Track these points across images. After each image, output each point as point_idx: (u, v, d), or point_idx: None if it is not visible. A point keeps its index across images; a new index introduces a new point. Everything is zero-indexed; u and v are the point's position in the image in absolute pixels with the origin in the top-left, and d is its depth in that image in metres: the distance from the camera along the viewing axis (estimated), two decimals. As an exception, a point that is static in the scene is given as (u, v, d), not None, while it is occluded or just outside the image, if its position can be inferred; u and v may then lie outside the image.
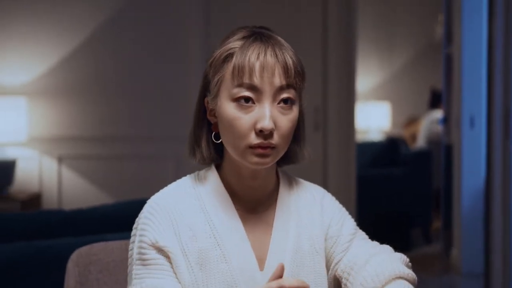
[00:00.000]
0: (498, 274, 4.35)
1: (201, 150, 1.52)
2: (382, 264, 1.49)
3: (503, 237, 4.33)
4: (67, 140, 4.48)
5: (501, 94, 4.16)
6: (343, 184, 4.38)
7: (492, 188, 4.42)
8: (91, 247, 1.73)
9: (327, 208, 1.59)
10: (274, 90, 1.41)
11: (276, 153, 1.45)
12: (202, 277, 1.43)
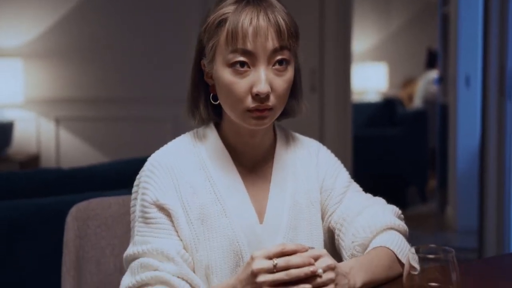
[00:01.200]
0: (492, 231, 4.41)
1: (200, 112, 1.55)
2: (374, 216, 1.53)
3: (497, 195, 4.38)
4: (64, 102, 4.49)
5: (497, 53, 4.17)
6: (339, 145, 4.41)
7: (487, 147, 4.45)
8: (89, 202, 1.77)
9: (322, 162, 1.63)
10: (268, 54, 1.44)
11: (274, 114, 1.48)
12: (203, 231, 1.47)
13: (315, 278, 1.28)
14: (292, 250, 1.29)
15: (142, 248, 1.44)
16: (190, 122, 1.59)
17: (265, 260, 1.28)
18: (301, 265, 1.27)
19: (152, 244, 1.44)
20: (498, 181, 4.35)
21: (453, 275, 1.26)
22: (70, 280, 1.69)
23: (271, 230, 1.51)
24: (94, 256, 1.75)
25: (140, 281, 1.41)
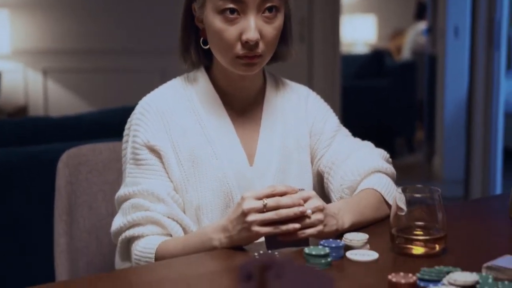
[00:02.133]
0: (478, 181, 4.47)
1: (190, 56, 1.56)
2: (362, 159, 1.55)
3: (483, 145, 4.42)
4: (51, 53, 4.46)
5: (485, 4, 4.16)
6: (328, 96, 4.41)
7: (474, 97, 4.48)
8: (80, 148, 1.78)
9: (312, 106, 1.65)
10: (258, 1, 1.44)
11: (263, 61, 1.49)
12: (193, 173, 1.49)
13: (304, 219, 1.31)
14: (282, 192, 1.32)
15: (133, 189, 1.47)
16: (181, 66, 1.60)
17: (255, 200, 1.30)
18: (291, 206, 1.30)
19: (143, 185, 1.46)
20: (484, 132, 4.39)
21: (439, 215, 1.29)
22: (62, 225, 1.71)
23: (260, 172, 1.53)
24: (86, 201, 1.77)
25: (131, 221, 1.44)
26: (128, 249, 1.47)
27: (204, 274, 1.23)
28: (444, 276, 1.15)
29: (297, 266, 0.86)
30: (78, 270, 1.73)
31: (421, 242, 1.28)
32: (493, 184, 4.36)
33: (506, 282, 1.11)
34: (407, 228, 1.30)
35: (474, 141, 4.48)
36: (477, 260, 1.21)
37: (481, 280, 1.12)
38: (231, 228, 1.32)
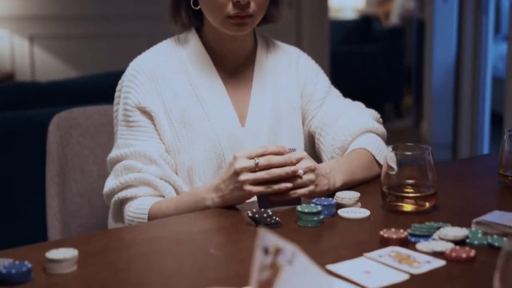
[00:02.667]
0: (466, 145, 4.50)
1: (181, 16, 1.56)
2: (353, 119, 1.56)
3: (471, 110, 4.44)
4: (37, 19, 4.41)
5: (474, -33, 4.15)
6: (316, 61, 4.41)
7: (462, 62, 4.49)
8: (71, 111, 1.77)
9: (303, 68, 1.65)
10: None
11: (254, 21, 1.49)
12: (185, 134, 1.49)
13: (295, 179, 1.32)
14: (273, 151, 1.32)
15: (125, 151, 1.47)
16: (171, 28, 1.59)
17: (248, 159, 1.31)
18: (282, 165, 1.31)
19: (135, 147, 1.47)
20: (472, 96, 4.40)
21: (430, 172, 1.30)
22: (54, 188, 1.71)
23: (252, 133, 1.53)
24: (77, 165, 1.77)
25: (123, 182, 1.45)
26: (121, 211, 1.48)
27: (198, 232, 1.24)
28: (435, 231, 1.17)
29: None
30: (71, 232, 1.74)
31: (412, 200, 1.30)
32: (481, 148, 4.40)
33: (495, 236, 1.13)
34: (398, 186, 1.32)
35: (462, 106, 4.50)
36: (467, 216, 1.23)
37: (470, 234, 1.14)
38: (224, 188, 1.33)
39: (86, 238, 1.19)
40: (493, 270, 1.01)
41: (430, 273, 1.02)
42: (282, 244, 0.77)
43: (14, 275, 0.98)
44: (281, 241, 0.77)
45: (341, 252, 1.11)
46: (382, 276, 1.01)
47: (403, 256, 1.08)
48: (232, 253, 1.15)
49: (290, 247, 0.77)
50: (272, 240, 0.78)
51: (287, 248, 0.77)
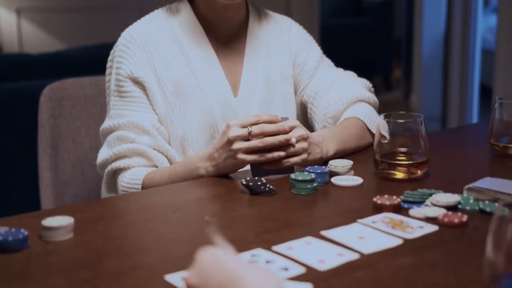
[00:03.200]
0: (455, 117, 4.52)
1: None
2: (345, 89, 1.57)
3: (460, 82, 4.46)
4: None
5: None
6: (306, 34, 4.40)
7: (451, 34, 4.49)
8: (63, 82, 1.77)
9: (295, 37, 1.65)
10: None
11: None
12: (178, 104, 1.49)
13: (288, 147, 1.33)
14: (266, 120, 1.33)
15: (118, 121, 1.47)
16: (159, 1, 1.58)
17: (241, 128, 1.31)
18: (275, 133, 1.31)
19: (128, 118, 1.46)
20: (461, 68, 4.42)
21: (422, 139, 1.31)
22: (46, 159, 1.71)
23: (245, 103, 1.54)
24: (69, 136, 1.77)
25: (117, 153, 1.45)
26: (115, 181, 1.49)
27: (192, 200, 1.25)
28: (427, 198, 1.18)
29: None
30: (64, 203, 1.75)
31: (404, 167, 1.31)
32: (469, 120, 4.42)
33: (487, 202, 1.14)
34: (390, 154, 1.33)
35: (451, 78, 4.51)
36: (458, 183, 1.24)
37: (462, 200, 1.16)
38: (217, 156, 1.34)
39: (81, 206, 1.20)
40: (485, 234, 1.02)
41: (423, 238, 1.03)
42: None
43: (11, 242, 0.99)
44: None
45: (335, 219, 1.12)
46: (376, 241, 1.02)
47: (396, 222, 1.10)
48: (226, 220, 1.16)
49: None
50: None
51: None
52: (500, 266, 0.82)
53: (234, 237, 1.05)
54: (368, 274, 0.91)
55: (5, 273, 0.92)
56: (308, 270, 0.92)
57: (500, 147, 1.48)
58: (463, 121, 4.44)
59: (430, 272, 0.91)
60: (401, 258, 0.96)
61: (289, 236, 1.04)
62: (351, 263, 0.95)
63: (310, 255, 0.97)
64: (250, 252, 0.98)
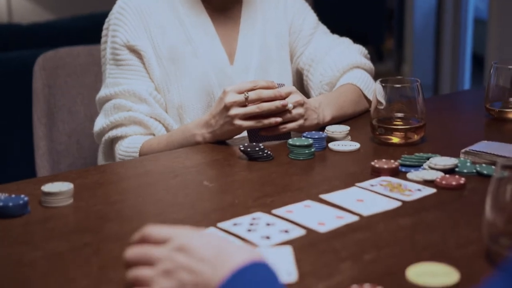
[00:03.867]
0: (447, 88, 4.53)
1: None
2: (341, 55, 1.57)
3: (452, 51, 4.46)
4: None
5: None
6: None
7: (443, 3, 4.47)
8: (57, 51, 1.76)
9: (291, 4, 1.64)
10: None
11: None
12: (174, 72, 1.48)
13: (285, 113, 1.33)
14: (263, 86, 1.33)
15: (115, 89, 1.46)
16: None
17: (237, 94, 1.31)
18: (272, 99, 1.31)
19: (124, 86, 1.46)
20: (453, 38, 4.41)
21: (418, 103, 1.31)
22: (42, 128, 1.71)
23: (241, 70, 1.53)
24: (64, 105, 1.76)
25: (114, 121, 1.45)
26: (112, 150, 1.48)
27: (190, 166, 1.25)
28: (424, 161, 1.19)
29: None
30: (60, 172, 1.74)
31: (401, 132, 1.32)
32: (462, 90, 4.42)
33: (484, 165, 1.15)
34: (387, 119, 1.33)
35: (443, 48, 4.51)
36: (455, 147, 1.25)
37: (459, 163, 1.16)
38: (214, 123, 1.34)
39: (80, 172, 1.20)
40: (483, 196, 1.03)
41: (422, 200, 1.04)
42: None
43: (11, 207, 0.99)
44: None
45: (333, 183, 1.12)
46: (375, 203, 1.03)
47: (395, 185, 1.10)
48: (225, 185, 1.16)
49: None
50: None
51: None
52: (499, 226, 0.83)
53: (233, 201, 1.06)
54: (368, 235, 0.92)
55: (6, 238, 0.92)
56: (308, 232, 0.93)
57: (496, 112, 1.48)
58: (455, 90, 4.44)
59: (429, 233, 0.92)
60: (400, 220, 0.97)
61: (288, 200, 1.05)
62: (350, 225, 0.96)
63: (309, 218, 0.98)
64: (250, 215, 0.99)
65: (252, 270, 0.69)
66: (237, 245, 0.75)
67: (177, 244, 0.75)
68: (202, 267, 0.71)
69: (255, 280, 0.68)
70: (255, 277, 0.69)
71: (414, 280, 0.78)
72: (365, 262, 0.83)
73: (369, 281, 0.78)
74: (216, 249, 0.72)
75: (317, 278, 0.79)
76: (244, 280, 0.68)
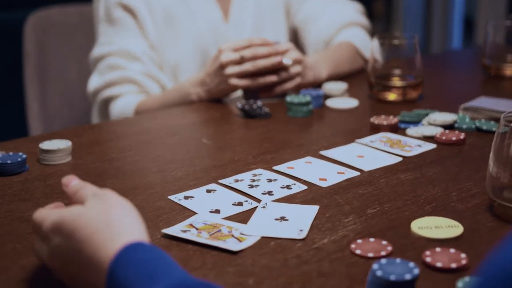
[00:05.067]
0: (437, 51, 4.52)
1: None
2: (337, 13, 1.55)
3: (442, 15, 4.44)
4: None
5: None
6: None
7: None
8: (48, 11, 1.73)
9: None
10: None
11: None
12: (169, 32, 1.46)
13: (282, 71, 1.31)
14: (258, 43, 1.31)
15: (108, 48, 1.44)
16: None
17: (233, 52, 1.29)
18: (268, 56, 1.30)
19: (118, 44, 1.44)
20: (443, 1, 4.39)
21: (416, 60, 1.31)
22: (34, 89, 1.69)
23: (236, 29, 1.51)
24: (56, 67, 1.74)
25: (108, 81, 1.43)
26: (106, 109, 1.47)
27: (188, 124, 1.24)
28: (423, 117, 1.18)
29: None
30: (53, 134, 1.73)
31: (399, 89, 1.31)
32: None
33: (483, 120, 1.15)
34: (384, 76, 1.32)
35: (434, 11, 4.49)
36: (453, 103, 1.25)
37: (459, 119, 1.16)
38: (209, 81, 1.33)
39: (77, 130, 1.19)
40: (483, 151, 1.04)
41: (422, 155, 1.04)
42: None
43: (9, 165, 0.98)
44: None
45: (333, 139, 1.12)
46: (375, 159, 1.03)
47: (394, 141, 1.10)
48: (224, 142, 1.15)
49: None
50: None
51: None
52: (502, 180, 0.83)
53: (233, 158, 1.05)
54: (370, 190, 0.92)
55: (5, 195, 0.91)
56: (310, 187, 0.93)
57: (493, 69, 1.48)
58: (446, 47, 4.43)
59: (431, 187, 0.92)
60: (402, 175, 0.97)
61: (288, 156, 1.04)
62: (352, 180, 0.95)
63: (311, 174, 0.97)
64: (251, 172, 0.98)
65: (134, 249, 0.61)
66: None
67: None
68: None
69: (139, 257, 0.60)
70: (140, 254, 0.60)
71: (418, 233, 0.78)
72: (369, 216, 0.83)
73: (373, 235, 0.78)
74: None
75: (322, 233, 0.79)
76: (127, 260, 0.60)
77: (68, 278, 0.64)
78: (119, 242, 0.61)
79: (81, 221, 0.63)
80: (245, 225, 0.80)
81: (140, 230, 0.64)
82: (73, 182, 0.71)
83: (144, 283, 0.56)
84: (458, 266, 0.69)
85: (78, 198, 0.69)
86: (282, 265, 0.71)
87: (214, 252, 0.73)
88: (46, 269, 0.68)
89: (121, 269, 0.58)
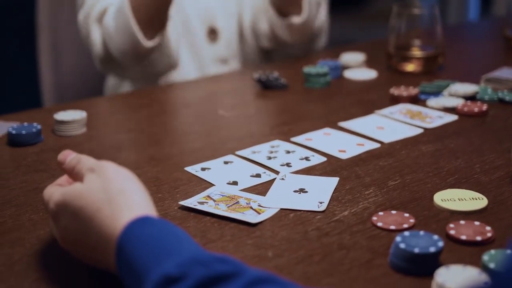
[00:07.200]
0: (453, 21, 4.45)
1: None
2: None
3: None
4: None
5: None
6: None
7: None
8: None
9: None
10: None
11: None
12: None
13: None
14: None
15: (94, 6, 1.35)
16: None
17: None
18: None
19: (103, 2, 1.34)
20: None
21: (437, 30, 1.28)
22: (47, 60, 1.67)
23: None
24: (69, 39, 1.71)
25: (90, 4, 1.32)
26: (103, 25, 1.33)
27: (203, 96, 1.22)
28: (444, 88, 1.16)
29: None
30: (67, 106, 1.71)
31: (419, 60, 1.28)
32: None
33: (505, 91, 1.12)
34: (404, 47, 1.30)
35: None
36: (474, 74, 1.22)
37: (480, 91, 1.14)
38: None
39: (92, 102, 1.17)
40: (505, 123, 1.01)
41: (443, 127, 1.02)
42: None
43: (24, 135, 0.96)
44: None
45: (352, 110, 1.10)
46: (396, 131, 1.01)
47: (415, 112, 1.08)
48: (241, 113, 1.13)
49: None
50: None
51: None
52: (527, 150, 0.81)
53: (250, 130, 1.03)
54: (390, 162, 0.90)
55: (20, 165, 0.90)
56: (329, 159, 0.91)
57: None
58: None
59: (454, 159, 0.90)
60: (423, 147, 0.95)
61: (306, 127, 1.02)
62: (372, 151, 0.93)
63: (330, 145, 0.95)
64: (268, 143, 0.96)
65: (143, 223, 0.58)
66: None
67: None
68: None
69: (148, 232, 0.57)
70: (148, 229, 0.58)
71: (441, 205, 0.76)
72: (390, 188, 0.81)
73: (395, 207, 0.76)
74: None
75: (342, 205, 0.77)
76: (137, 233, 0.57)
77: (84, 258, 0.63)
78: (123, 219, 0.58)
79: (82, 200, 0.61)
80: (263, 197, 0.79)
81: (144, 203, 0.61)
82: (68, 157, 0.68)
83: (153, 261, 0.54)
84: (484, 239, 0.67)
85: (77, 174, 0.66)
86: (302, 238, 0.69)
87: (232, 224, 0.72)
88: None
89: (128, 247, 0.56)
